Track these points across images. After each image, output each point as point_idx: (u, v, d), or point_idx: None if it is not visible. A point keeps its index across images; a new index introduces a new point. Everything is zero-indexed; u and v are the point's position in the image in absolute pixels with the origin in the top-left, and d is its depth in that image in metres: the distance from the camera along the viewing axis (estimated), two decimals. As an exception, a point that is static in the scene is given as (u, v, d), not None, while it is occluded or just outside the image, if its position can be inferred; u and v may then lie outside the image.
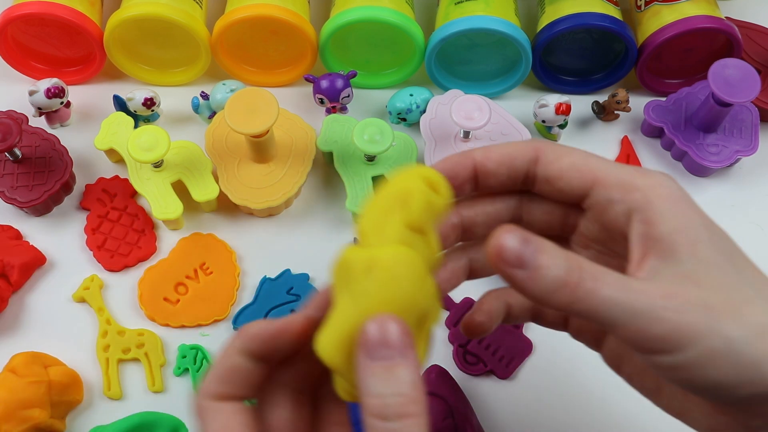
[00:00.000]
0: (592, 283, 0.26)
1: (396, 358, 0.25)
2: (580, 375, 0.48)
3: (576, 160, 0.31)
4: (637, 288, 0.27)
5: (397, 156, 0.53)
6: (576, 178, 0.31)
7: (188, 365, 0.48)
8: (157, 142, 0.49)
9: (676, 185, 0.30)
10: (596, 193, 0.31)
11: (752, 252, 0.31)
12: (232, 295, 0.51)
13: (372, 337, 0.25)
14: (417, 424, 0.25)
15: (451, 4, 0.57)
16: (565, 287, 0.26)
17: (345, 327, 0.27)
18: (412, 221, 0.27)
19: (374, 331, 0.25)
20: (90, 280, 0.51)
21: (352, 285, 0.27)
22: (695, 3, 0.56)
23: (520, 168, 0.32)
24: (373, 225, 0.28)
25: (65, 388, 0.45)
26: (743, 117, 0.56)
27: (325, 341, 0.27)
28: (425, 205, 0.28)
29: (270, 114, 0.47)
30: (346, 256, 0.27)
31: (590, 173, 0.31)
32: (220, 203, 0.54)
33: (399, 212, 0.27)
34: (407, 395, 0.25)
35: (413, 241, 0.28)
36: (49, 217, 0.54)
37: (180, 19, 0.53)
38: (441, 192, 0.28)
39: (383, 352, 0.25)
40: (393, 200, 0.28)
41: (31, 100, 0.54)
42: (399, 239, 0.27)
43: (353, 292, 0.27)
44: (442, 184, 0.29)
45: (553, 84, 0.60)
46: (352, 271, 0.27)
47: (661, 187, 0.29)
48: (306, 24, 0.55)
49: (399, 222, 0.27)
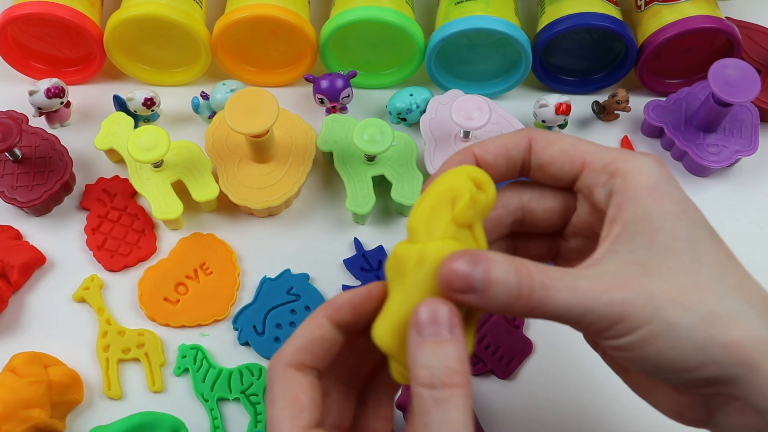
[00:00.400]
0: (542, 292, 0.28)
1: (444, 335, 0.28)
2: (580, 375, 0.48)
3: (566, 146, 0.32)
4: (584, 287, 0.28)
5: (397, 156, 0.53)
6: (567, 162, 0.32)
7: (188, 365, 0.48)
8: (157, 142, 0.49)
9: (659, 170, 0.31)
10: (584, 176, 0.32)
11: (752, 252, 0.31)
12: (232, 295, 0.51)
13: (423, 316, 0.28)
14: (462, 395, 0.27)
15: (451, 4, 0.57)
16: (519, 300, 0.28)
17: (399, 314, 0.29)
18: (460, 218, 0.30)
19: (425, 311, 0.28)
20: (90, 280, 0.51)
21: (404, 277, 0.29)
22: (695, 3, 0.56)
23: (516, 157, 0.33)
24: (423, 221, 0.30)
25: (65, 388, 0.45)
26: (743, 117, 0.56)
27: (381, 328, 0.30)
28: (472, 203, 0.30)
29: (270, 114, 0.47)
30: (398, 250, 0.30)
31: (580, 157, 0.32)
32: (220, 203, 0.54)
33: (448, 210, 0.30)
34: (453, 368, 0.27)
35: (460, 236, 0.30)
36: (49, 217, 0.54)
37: (180, 19, 0.53)
38: (487, 190, 0.31)
39: (432, 329, 0.28)
40: (442, 198, 0.30)
41: (31, 100, 0.54)
42: (446, 234, 0.30)
43: (405, 284, 0.29)
44: (488, 183, 0.31)
45: (553, 84, 0.60)
46: (404, 264, 0.29)
47: (641, 173, 0.30)
48: (306, 24, 0.55)
49: (447, 219, 0.30)
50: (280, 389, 0.31)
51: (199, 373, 0.48)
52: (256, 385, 0.47)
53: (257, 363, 0.48)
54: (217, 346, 0.49)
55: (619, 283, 0.28)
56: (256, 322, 0.49)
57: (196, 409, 0.47)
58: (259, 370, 0.48)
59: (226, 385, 0.47)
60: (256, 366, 0.48)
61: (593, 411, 0.47)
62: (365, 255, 0.52)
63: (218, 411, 0.47)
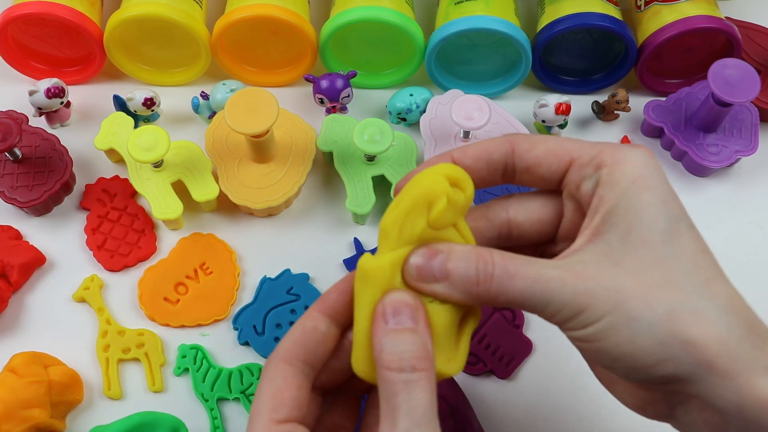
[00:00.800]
0: (505, 278, 0.29)
1: (408, 323, 0.29)
2: (579, 375, 0.48)
3: (551, 146, 0.33)
4: (549, 276, 0.29)
5: (397, 156, 0.53)
6: (554, 162, 0.32)
7: (188, 365, 0.48)
8: (157, 142, 0.49)
9: (644, 161, 0.31)
10: (571, 172, 0.32)
11: (752, 252, 0.31)
12: (232, 295, 0.51)
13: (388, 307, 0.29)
14: (428, 378, 0.28)
15: (451, 4, 0.57)
16: (479, 286, 0.29)
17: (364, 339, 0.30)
18: (436, 223, 0.30)
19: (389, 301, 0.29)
20: (90, 280, 0.51)
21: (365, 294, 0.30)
22: (695, 3, 0.56)
23: (497, 161, 0.33)
24: (397, 226, 0.30)
25: (65, 388, 0.45)
26: (743, 117, 0.56)
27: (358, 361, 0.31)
28: (449, 206, 0.30)
29: (270, 114, 0.47)
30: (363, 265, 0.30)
31: (566, 155, 0.32)
32: (220, 203, 0.54)
33: (423, 215, 0.30)
34: (419, 353, 0.29)
35: (440, 237, 0.30)
36: (49, 217, 0.54)
37: (180, 19, 0.53)
38: (465, 188, 0.31)
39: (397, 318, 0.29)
40: (417, 203, 0.30)
41: (31, 100, 0.54)
42: (422, 238, 0.30)
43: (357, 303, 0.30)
44: (465, 180, 0.31)
45: (553, 84, 0.60)
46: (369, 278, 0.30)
47: (626, 164, 0.30)
48: (306, 24, 0.55)
49: (423, 224, 0.30)
50: (267, 381, 0.31)
51: (199, 373, 0.48)
52: (256, 385, 0.47)
53: (257, 363, 0.48)
54: (217, 346, 0.49)
55: (586, 273, 0.29)
56: (256, 322, 0.49)
57: (196, 409, 0.47)
58: (259, 370, 0.48)
59: (226, 385, 0.47)
60: (256, 366, 0.48)
61: (593, 411, 0.47)
62: (365, 255, 0.52)
63: (218, 411, 0.47)
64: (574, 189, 0.32)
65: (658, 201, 0.30)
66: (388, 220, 0.30)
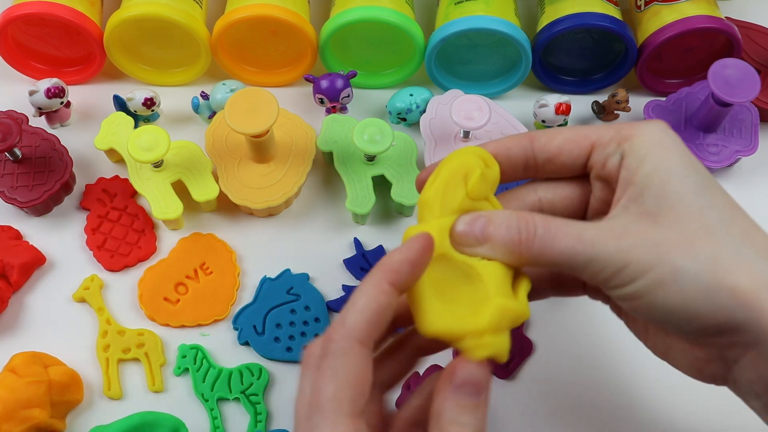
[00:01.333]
0: (547, 237, 0.30)
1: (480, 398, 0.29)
2: (580, 375, 0.48)
3: (568, 135, 0.34)
4: (590, 236, 0.30)
5: (397, 156, 0.53)
6: (575, 149, 0.34)
7: (188, 365, 0.48)
8: (157, 142, 0.49)
9: (663, 132, 0.32)
10: (595, 153, 0.33)
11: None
12: (232, 295, 0.51)
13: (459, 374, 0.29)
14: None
15: (451, 4, 0.57)
16: (521, 245, 0.30)
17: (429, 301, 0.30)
18: (473, 192, 0.32)
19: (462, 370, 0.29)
20: (90, 280, 0.51)
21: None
22: (695, 3, 0.56)
23: (516, 156, 0.34)
24: (439, 197, 0.32)
25: (65, 388, 0.45)
26: (743, 117, 0.56)
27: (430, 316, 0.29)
28: (483, 178, 0.32)
29: (270, 114, 0.47)
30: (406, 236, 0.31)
31: (586, 140, 0.33)
32: (220, 203, 0.54)
33: (461, 185, 0.32)
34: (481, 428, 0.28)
35: (476, 207, 0.32)
36: (49, 217, 0.54)
37: (180, 19, 0.53)
38: (492, 167, 0.33)
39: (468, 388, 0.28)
40: (455, 174, 0.32)
41: (31, 100, 0.54)
42: (462, 207, 0.32)
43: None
44: (492, 161, 0.33)
45: (553, 84, 0.60)
46: None
47: (647, 135, 0.32)
48: (306, 24, 0.55)
49: (462, 193, 0.32)
50: (344, 365, 0.28)
51: (199, 372, 0.48)
52: (256, 385, 0.47)
53: (257, 363, 0.48)
54: (217, 346, 0.49)
55: (626, 231, 0.30)
56: (256, 322, 0.49)
57: (196, 409, 0.47)
58: (259, 370, 0.48)
59: (226, 384, 0.47)
60: (256, 366, 0.48)
61: (593, 411, 0.47)
62: (365, 255, 0.52)
63: (218, 411, 0.47)
64: (600, 168, 0.33)
65: (687, 162, 0.31)
66: (429, 192, 0.32)
